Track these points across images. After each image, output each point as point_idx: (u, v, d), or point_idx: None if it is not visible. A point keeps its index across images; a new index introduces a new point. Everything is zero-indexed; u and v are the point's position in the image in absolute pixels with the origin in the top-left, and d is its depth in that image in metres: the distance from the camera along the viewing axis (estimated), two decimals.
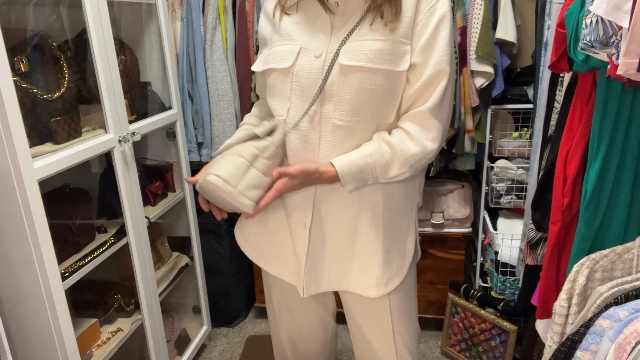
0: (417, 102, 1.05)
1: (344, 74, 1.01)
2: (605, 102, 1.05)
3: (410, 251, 1.18)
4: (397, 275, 1.15)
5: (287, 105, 1.06)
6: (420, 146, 1.04)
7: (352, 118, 1.03)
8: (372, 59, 1.00)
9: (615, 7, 0.86)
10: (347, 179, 1.03)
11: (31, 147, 1.26)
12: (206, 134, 2.24)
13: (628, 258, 1.01)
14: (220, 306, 2.41)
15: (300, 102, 1.05)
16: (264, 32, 1.15)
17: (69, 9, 1.61)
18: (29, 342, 1.32)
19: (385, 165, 1.04)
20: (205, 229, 2.30)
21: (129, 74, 1.79)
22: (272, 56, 1.09)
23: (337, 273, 1.13)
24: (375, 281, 1.11)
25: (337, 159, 1.03)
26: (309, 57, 1.04)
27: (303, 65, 1.04)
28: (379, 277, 1.11)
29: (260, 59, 1.14)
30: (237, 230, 1.26)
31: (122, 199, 1.59)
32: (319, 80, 1.02)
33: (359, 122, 1.03)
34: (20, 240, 1.22)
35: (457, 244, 2.19)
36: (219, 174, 0.98)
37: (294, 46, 1.06)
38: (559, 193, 1.19)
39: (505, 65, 1.95)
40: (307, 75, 1.03)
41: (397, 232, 1.14)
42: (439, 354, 2.21)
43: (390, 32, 1.01)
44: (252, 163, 1.01)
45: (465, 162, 2.11)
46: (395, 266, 1.14)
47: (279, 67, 1.06)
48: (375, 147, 1.04)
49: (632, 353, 0.77)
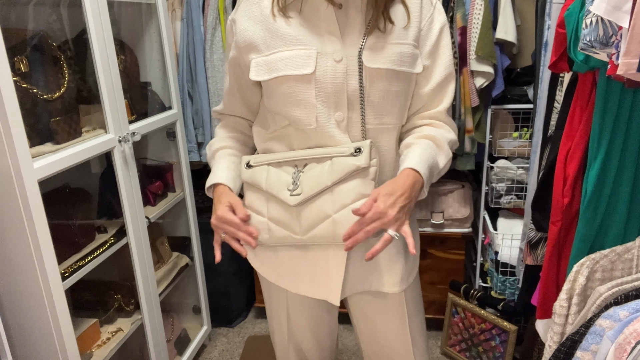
0: (429, 105, 1.08)
1: (370, 77, 1.00)
2: (605, 102, 1.05)
3: (418, 243, 1.20)
4: (414, 268, 1.17)
5: (314, 113, 1.01)
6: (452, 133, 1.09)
7: (380, 120, 1.03)
8: (396, 62, 1.00)
9: (615, 7, 0.86)
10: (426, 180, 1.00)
11: (31, 147, 1.26)
12: (206, 134, 2.24)
13: (628, 258, 1.01)
14: (220, 306, 2.41)
15: (325, 108, 1.01)
16: (249, 35, 1.04)
17: (69, 9, 1.61)
18: (29, 342, 1.32)
19: (436, 156, 1.04)
20: (205, 229, 2.29)
21: (129, 74, 1.79)
22: (282, 62, 1.01)
23: (363, 274, 1.12)
24: (399, 278, 1.12)
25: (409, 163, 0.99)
26: (329, 61, 0.99)
27: (325, 70, 0.99)
28: (403, 272, 1.12)
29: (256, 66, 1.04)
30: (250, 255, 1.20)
31: (122, 199, 1.59)
32: (344, 85, 1.00)
33: (386, 124, 1.04)
34: (20, 240, 1.22)
35: (457, 244, 2.19)
36: None
37: (309, 51, 1.00)
38: (559, 193, 1.19)
39: (505, 65, 1.95)
40: (331, 80, 0.99)
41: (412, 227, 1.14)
42: (439, 354, 2.21)
43: (404, 36, 1.02)
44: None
45: (465, 162, 2.11)
46: (412, 259, 1.16)
47: (297, 74, 0.99)
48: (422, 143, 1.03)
49: (632, 353, 0.77)
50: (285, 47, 1.01)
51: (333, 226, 0.99)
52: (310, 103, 1.01)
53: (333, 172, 0.99)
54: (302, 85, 1.00)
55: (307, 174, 1.02)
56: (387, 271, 1.12)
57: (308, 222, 1.02)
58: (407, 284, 1.14)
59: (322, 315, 1.26)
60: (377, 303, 1.18)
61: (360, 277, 1.12)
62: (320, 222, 1.00)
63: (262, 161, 1.08)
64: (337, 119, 1.02)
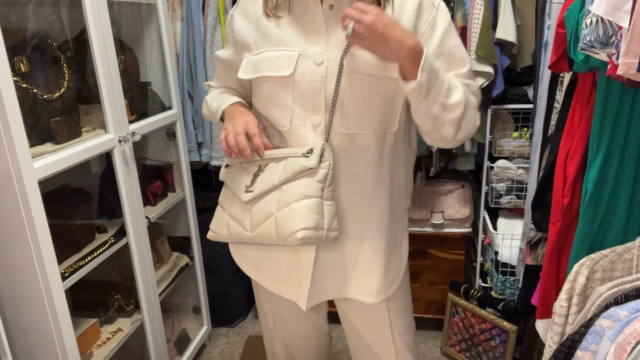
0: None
1: (350, 82, 0.99)
2: (605, 102, 1.05)
3: (405, 255, 1.19)
4: (395, 280, 1.15)
5: (289, 115, 1.02)
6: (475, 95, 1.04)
7: (359, 126, 1.01)
8: (379, 67, 0.98)
9: (615, 7, 0.86)
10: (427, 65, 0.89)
11: (31, 147, 1.26)
12: (206, 134, 2.24)
13: (628, 258, 1.01)
14: (220, 306, 2.41)
15: (302, 111, 1.01)
16: (244, 34, 1.07)
17: (69, 9, 1.61)
18: (29, 342, 1.32)
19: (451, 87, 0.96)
20: (205, 229, 2.29)
21: (129, 74, 1.79)
22: (265, 63, 1.02)
23: (339, 281, 1.12)
24: (376, 289, 1.11)
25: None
26: (309, 64, 0.99)
27: (304, 72, 0.99)
28: (380, 284, 1.11)
29: (245, 65, 1.06)
30: (232, 248, 1.24)
31: (122, 199, 1.59)
32: (322, 89, 0.99)
33: (365, 130, 1.02)
34: (20, 240, 1.22)
35: (457, 244, 2.19)
36: (308, 226, 0.95)
37: (291, 52, 1.00)
38: (559, 193, 1.19)
39: (505, 65, 1.95)
40: (309, 83, 0.99)
41: (396, 239, 1.15)
42: (439, 354, 2.21)
43: None
44: (322, 198, 0.98)
45: (465, 162, 2.11)
46: (394, 272, 1.15)
47: (277, 75, 1.00)
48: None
49: (632, 353, 0.77)
50: (271, 48, 1.03)
51: (274, 224, 0.98)
52: (286, 105, 1.02)
53: (284, 171, 1.00)
54: (280, 86, 1.01)
55: (264, 173, 1.03)
56: (364, 281, 1.11)
57: (255, 219, 1.02)
58: (386, 295, 1.13)
59: (307, 314, 1.26)
60: (359, 310, 1.18)
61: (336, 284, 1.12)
62: (265, 220, 1.00)
63: (236, 162, 1.11)
64: (313, 123, 1.01)
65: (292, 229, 0.95)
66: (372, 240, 1.09)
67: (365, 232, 1.09)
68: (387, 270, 1.12)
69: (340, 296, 1.14)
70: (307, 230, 0.95)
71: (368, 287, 1.11)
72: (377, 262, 1.10)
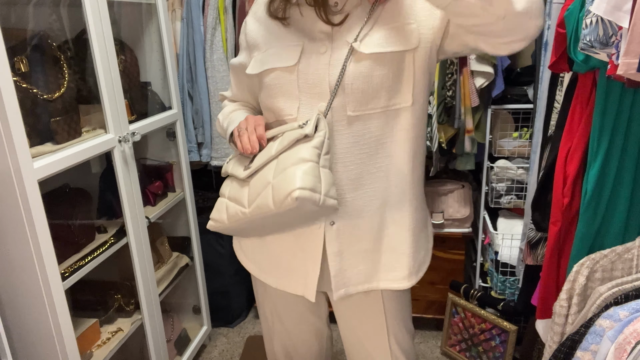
0: None
1: (354, 64, 1.00)
2: (605, 102, 1.05)
3: (431, 235, 1.18)
4: (425, 261, 1.14)
5: (296, 104, 1.04)
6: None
7: (366, 107, 1.01)
8: (382, 44, 0.99)
9: (615, 7, 0.86)
10: None
11: (31, 147, 1.26)
12: (206, 134, 2.24)
13: (628, 258, 1.02)
14: (220, 306, 2.41)
15: (309, 99, 1.03)
16: (254, 35, 1.11)
17: (69, 9, 1.61)
18: (29, 342, 1.32)
19: None
20: (205, 229, 2.30)
21: (129, 74, 1.79)
22: (272, 57, 1.06)
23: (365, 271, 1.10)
24: (407, 272, 1.09)
25: None
26: (313, 52, 1.02)
27: (309, 61, 1.02)
28: (411, 266, 1.09)
29: (254, 62, 1.10)
30: (235, 244, 1.24)
31: (122, 199, 1.59)
32: (326, 76, 1.01)
33: (373, 109, 1.02)
34: (20, 240, 1.22)
35: (457, 244, 2.19)
36: (304, 186, 0.92)
37: (295, 44, 1.04)
38: (559, 193, 1.19)
39: (505, 65, 1.95)
40: (313, 71, 1.02)
41: (421, 219, 1.12)
42: (439, 354, 2.21)
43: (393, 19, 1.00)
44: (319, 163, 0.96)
45: (465, 162, 2.11)
46: (423, 251, 1.13)
47: (282, 66, 1.03)
48: None
49: (632, 353, 0.77)
50: (277, 43, 1.07)
51: (271, 192, 0.96)
52: (293, 94, 1.04)
53: (280, 144, 1.00)
54: (286, 76, 1.04)
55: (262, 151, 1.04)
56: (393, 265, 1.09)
57: (253, 191, 1.01)
58: (418, 277, 1.11)
59: (307, 316, 1.25)
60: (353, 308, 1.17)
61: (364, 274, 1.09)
62: (262, 190, 0.99)
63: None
64: (320, 110, 1.02)
65: (289, 189, 0.92)
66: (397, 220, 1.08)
67: (388, 213, 1.07)
68: (416, 251, 1.10)
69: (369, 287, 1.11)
70: (303, 190, 0.91)
71: (398, 272, 1.09)
72: (404, 243, 1.08)
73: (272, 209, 0.96)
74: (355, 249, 1.08)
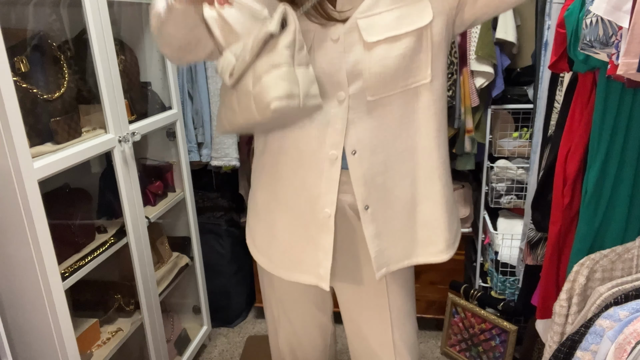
0: None
1: (368, 51, 0.99)
2: (605, 102, 1.05)
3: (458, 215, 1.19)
4: (458, 232, 1.15)
5: None
6: None
7: (385, 89, 1.01)
8: (394, 27, 0.98)
9: (615, 7, 0.86)
10: None
11: (31, 147, 1.26)
12: (206, 134, 2.24)
13: (628, 258, 1.02)
14: (220, 306, 2.41)
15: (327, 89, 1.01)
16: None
17: (69, 9, 1.61)
18: (29, 342, 1.32)
19: None
20: (205, 229, 2.30)
21: (129, 74, 1.79)
22: None
23: (404, 248, 1.10)
24: (445, 244, 1.10)
25: None
26: (326, 41, 1.01)
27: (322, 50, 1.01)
28: (447, 239, 1.10)
29: None
30: (248, 238, 1.22)
31: (122, 199, 1.59)
32: (342, 63, 1.00)
33: (392, 91, 1.01)
34: (20, 240, 1.22)
35: None
36: (279, 95, 0.90)
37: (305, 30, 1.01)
38: (559, 193, 1.19)
39: (505, 65, 1.95)
40: (329, 60, 1.00)
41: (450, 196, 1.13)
42: (439, 354, 2.21)
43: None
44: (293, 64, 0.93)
45: (465, 162, 2.11)
46: (455, 224, 1.14)
47: None
48: None
49: (632, 353, 0.77)
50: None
51: (253, 102, 0.94)
52: None
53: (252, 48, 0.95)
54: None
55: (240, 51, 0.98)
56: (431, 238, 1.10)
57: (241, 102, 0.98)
58: (454, 249, 1.12)
59: (313, 310, 1.25)
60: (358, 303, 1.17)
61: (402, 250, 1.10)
62: (246, 100, 0.96)
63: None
64: (338, 99, 1.02)
65: (265, 101, 0.91)
66: (429, 196, 1.08)
67: (419, 190, 1.08)
68: (450, 223, 1.11)
69: (409, 263, 1.11)
70: (279, 100, 0.90)
71: (436, 246, 1.10)
72: (439, 217, 1.09)
73: (259, 119, 0.95)
74: (392, 228, 1.08)
